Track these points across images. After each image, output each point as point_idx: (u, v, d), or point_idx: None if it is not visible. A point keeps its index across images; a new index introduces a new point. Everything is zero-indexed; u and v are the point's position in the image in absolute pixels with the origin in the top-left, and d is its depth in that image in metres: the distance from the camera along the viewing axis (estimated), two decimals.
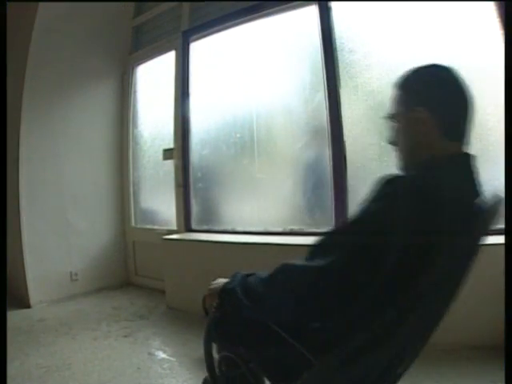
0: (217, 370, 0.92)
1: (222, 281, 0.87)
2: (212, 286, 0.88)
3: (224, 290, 0.82)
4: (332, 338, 0.68)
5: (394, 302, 0.63)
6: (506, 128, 0.66)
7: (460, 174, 0.72)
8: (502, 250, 0.97)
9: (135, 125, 3.36)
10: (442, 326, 1.74)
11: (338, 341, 0.66)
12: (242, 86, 2.68)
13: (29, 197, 2.72)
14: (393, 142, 0.85)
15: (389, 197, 0.67)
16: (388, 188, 0.68)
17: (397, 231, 0.63)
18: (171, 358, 1.85)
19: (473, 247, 0.73)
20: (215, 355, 0.92)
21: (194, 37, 2.89)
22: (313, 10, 2.32)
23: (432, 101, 0.74)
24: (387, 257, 0.64)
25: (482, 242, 0.74)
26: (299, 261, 0.74)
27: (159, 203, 3.25)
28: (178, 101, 2.94)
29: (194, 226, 2.88)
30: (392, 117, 0.84)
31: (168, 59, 3.06)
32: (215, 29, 2.77)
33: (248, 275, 0.82)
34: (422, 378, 1.51)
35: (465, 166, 0.73)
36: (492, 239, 1.69)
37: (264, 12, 2.52)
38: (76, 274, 2.97)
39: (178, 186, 2.93)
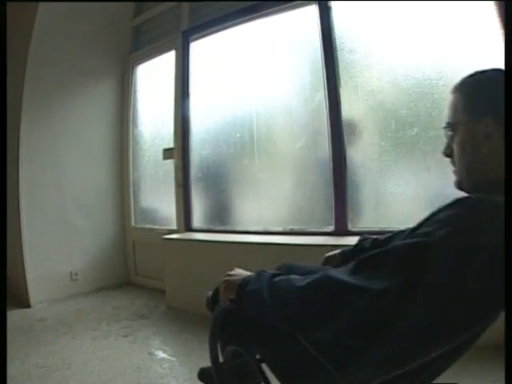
0: (223, 363, 0.90)
1: (241, 272, 0.81)
2: (231, 278, 0.80)
3: (247, 290, 0.74)
4: (358, 355, 0.63)
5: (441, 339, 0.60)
6: (506, 128, 0.66)
7: None
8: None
9: (135, 124, 3.36)
10: None
11: (369, 363, 0.62)
12: (241, 85, 2.68)
13: (29, 197, 2.72)
14: (449, 154, 0.76)
15: (457, 219, 0.59)
16: (457, 209, 0.60)
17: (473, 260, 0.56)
18: (171, 358, 1.85)
19: None
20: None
21: (194, 36, 2.89)
22: (313, 10, 2.32)
23: (499, 112, 0.65)
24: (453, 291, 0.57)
25: None
26: (342, 274, 0.64)
27: (159, 203, 3.25)
28: (178, 100, 2.93)
29: (196, 225, 2.88)
30: (451, 126, 0.74)
31: (168, 59, 3.06)
32: (215, 29, 2.77)
33: (275, 274, 0.74)
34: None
35: None
36: None
37: (264, 12, 2.52)
38: (76, 274, 2.97)
39: (178, 185, 2.93)
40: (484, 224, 0.57)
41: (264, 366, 0.85)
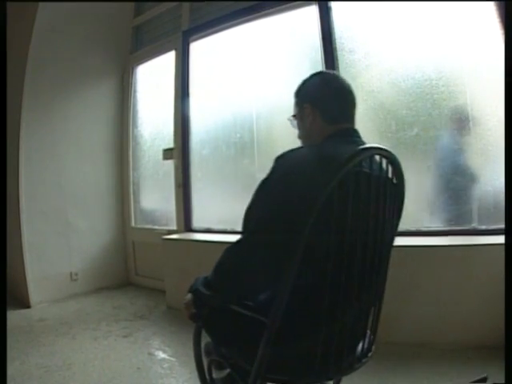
0: (207, 374, 1.05)
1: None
2: (185, 301, 1.01)
3: (192, 294, 0.96)
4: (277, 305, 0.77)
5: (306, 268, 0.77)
6: (506, 128, 0.66)
7: (334, 143, 0.89)
8: (502, 249, 0.97)
9: (135, 125, 3.36)
10: (443, 326, 1.74)
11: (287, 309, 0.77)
12: (241, 86, 2.68)
13: (29, 197, 2.72)
14: (299, 137, 1.05)
15: (273, 170, 0.87)
16: (275, 161, 0.88)
17: (284, 196, 0.79)
18: (171, 358, 1.85)
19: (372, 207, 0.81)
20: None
21: (194, 37, 2.89)
22: (313, 10, 2.32)
23: (313, 98, 0.97)
24: (284, 224, 0.76)
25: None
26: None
27: (159, 203, 3.25)
28: (178, 101, 2.93)
29: (195, 225, 2.87)
30: (293, 117, 1.04)
31: (168, 59, 3.06)
32: (215, 29, 2.77)
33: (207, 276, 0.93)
34: (422, 377, 1.51)
35: (343, 136, 0.91)
36: (492, 239, 1.71)
37: (264, 12, 2.52)
38: (76, 274, 2.97)
39: (177, 185, 2.93)
40: (275, 170, 0.86)
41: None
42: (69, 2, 2.82)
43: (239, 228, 0.93)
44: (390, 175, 0.85)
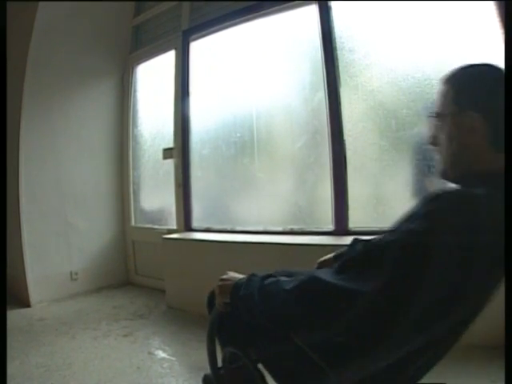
0: (221, 365, 0.91)
1: (234, 276, 0.81)
2: (224, 282, 0.80)
3: (239, 295, 0.75)
4: (353, 354, 0.64)
5: (429, 331, 0.62)
6: (505, 128, 0.66)
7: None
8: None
9: (135, 124, 3.36)
10: None
11: (360, 358, 0.63)
12: (241, 85, 2.67)
13: (29, 197, 2.72)
14: (434, 143, 0.77)
15: (435, 214, 0.59)
16: (434, 204, 0.60)
17: (442, 252, 0.57)
18: (171, 358, 1.85)
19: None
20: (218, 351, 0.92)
21: (194, 36, 2.89)
22: (313, 10, 2.32)
23: (487, 106, 0.67)
24: (429, 284, 0.57)
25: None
26: (329, 275, 0.64)
27: (159, 202, 3.25)
28: (178, 100, 2.93)
29: (195, 225, 2.88)
30: (437, 116, 0.74)
31: (168, 59, 3.06)
32: (215, 28, 2.77)
33: (265, 277, 0.74)
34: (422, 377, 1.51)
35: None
36: None
37: (264, 11, 2.52)
38: (76, 274, 2.97)
39: (177, 185, 2.93)
40: (463, 216, 0.58)
41: (263, 369, 0.85)
42: (69, 2, 2.82)
43: (239, 227, 0.90)
44: None
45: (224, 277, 0.83)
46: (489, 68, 0.71)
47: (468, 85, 0.71)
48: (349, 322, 0.59)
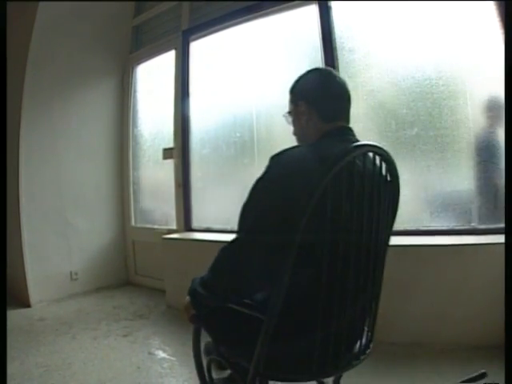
0: (206, 373, 1.04)
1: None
2: (184, 303, 1.01)
3: (190, 296, 0.95)
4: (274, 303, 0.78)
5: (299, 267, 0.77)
6: (506, 128, 0.66)
7: (329, 142, 0.89)
8: (502, 249, 0.97)
9: (135, 124, 3.36)
10: (442, 326, 1.74)
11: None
12: (241, 85, 2.67)
13: (29, 197, 2.72)
14: (294, 133, 1.05)
15: (269, 168, 0.84)
16: (270, 161, 0.85)
17: (281, 197, 0.78)
18: (171, 358, 1.85)
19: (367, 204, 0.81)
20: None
21: (194, 36, 2.89)
22: (313, 10, 2.32)
23: (309, 95, 0.97)
24: (279, 224, 0.77)
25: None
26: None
27: (159, 202, 3.25)
28: (178, 100, 2.93)
29: (195, 225, 2.87)
30: (288, 114, 1.04)
31: (168, 59, 3.06)
32: (215, 28, 2.77)
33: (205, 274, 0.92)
34: (422, 377, 1.51)
35: (337, 135, 0.92)
36: (492, 239, 1.71)
37: (264, 11, 2.52)
38: (76, 274, 2.97)
39: (177, 185, 2.93)
40: (270, 169, 0.84)
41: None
42: (69, 2, 2.82)
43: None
44: (384, 173, 0.86)
45: (184, 301, 1.02)
46: (314, 70, 1.03)
47: (298, 85, 1.02)
48: (240, 270, 0.82)
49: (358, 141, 0.88)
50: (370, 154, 0.83)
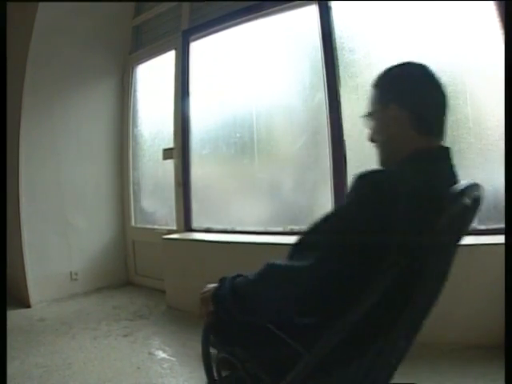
0: (215, 373, 0.94)
1: (211, 286, 0.86)
2: (203, 295, 0.87)
3: (215, 298, 0.82)
4: (322, 333, 0.69)
5: (381, 302, 0.65)
6: (506, 128, 0.66)
7: (432, 166, 0.73)
8: (502, 249, 0.97)
9: (135, 124, 3.36)
10: (442, 326, 1.74)
11: (329, 336, 0.68)
12: (242, 85, 2.67)
13: (29, 197, 2.72)
14: (372, 140, 0.87)
15: (361, 193, 0.69)
16: (360, 184, 0.70)
17: (373, 228, 0.65)
18: (171, 358, 1.85)
19: (451, 242, 0.73)
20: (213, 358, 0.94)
21: (194, 36, 2.89)
22: (313, 10, 2.32)
23: (404, 98, 0.78)
24: (368, 255, 0.65)
25: (460, 237, 0.76)
26: (283, 260, 0.75)
27: (159, 203, 3.25)
28: (178, 100, 2.93)
29: (195, 225, 2.88)
30: (369, 115, 0.85)
31: (168, 59, 3.06)
32: (215, 28, 2.77)
33: (235, 277, 0.81)
34: (422, 377, 1.51)
35: (438, 158, 0.76)
36: (492, 239, 1.70)
37: (264, 12, 2.52)
38: (76, 274, 2.97)
39: (177, 185, 2.93)
40: (367, 195, 0.68)
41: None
42: (69, 2, 2.82)
43: (239, 228, 0.91)
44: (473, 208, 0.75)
45: (203, 290, 0.88)
46: (407, 66, 0.83)
47: (388, 83, 0.83)
48: (306, 297, 0.69)
49: (454, 167, 0.77)
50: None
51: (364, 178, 0.70)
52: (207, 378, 0.94)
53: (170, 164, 3.00)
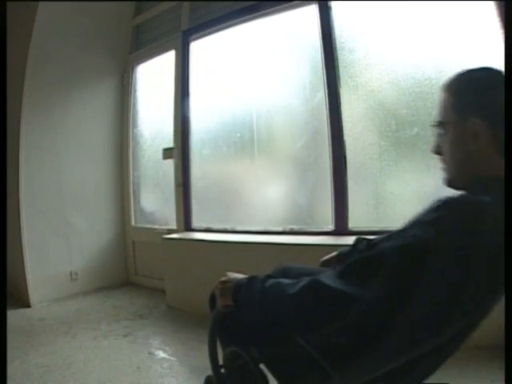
0: (223, 365, 0.90)
1: (233, 277, 0.79)
2: (225, 285, 0.78)
3: (241, 298, 0.74)
4: (356, 356, 0.63)
5: (432, 335, 0.62)
6: (505, 127, 0.66)
7: None
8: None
9: (135, 124, 3.36)
10: None
11: (365, 361, 0.63)
12: (241, 85, 2.68)
13: (29, 197, 2.71)
14: (438, 152, 0.76)
15: (441, 221, 0.58)
16: (440, 211, 0.59)
17: (448, 261, 0.56)
18: (171, 358, 1.85)
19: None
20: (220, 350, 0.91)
21: (194, 36, 2.89)
22: (313, 10, 2.32)
23: (489, 112, 0.66)
24: (430, 289, 0.57)
25: None
26: (331, 279, 0.63)
27: (159, 202, 3.25)
28: (178, 100, 2.93)
29: (195, 225, 2.88)
30: (440, 124, 0.73)
31: (168, 59, 3.06)
32: (215, 28, 2.77)
33: (265, 279, 0.73)
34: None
35: None
36: None
37: (264, 12, 2.52)
38: (76, 274, 2.97)
39: (177, 185, 2.93)
40: (469, 224, 0.57)
41: (264, 368, 0.85)
42: (69, 2, 2.82)
43: (239, 227, 0.89)
44: None
45: (224, 279, 0.81)
46: (488, 72, 0.71)
47: (468, 91, 0.70)
48: (348, 326, 0.59)
49: None
50: None
51: (448, 202, 0.60)
52: (212, 368, 0.89)
53: (170, 164, 3.00)
